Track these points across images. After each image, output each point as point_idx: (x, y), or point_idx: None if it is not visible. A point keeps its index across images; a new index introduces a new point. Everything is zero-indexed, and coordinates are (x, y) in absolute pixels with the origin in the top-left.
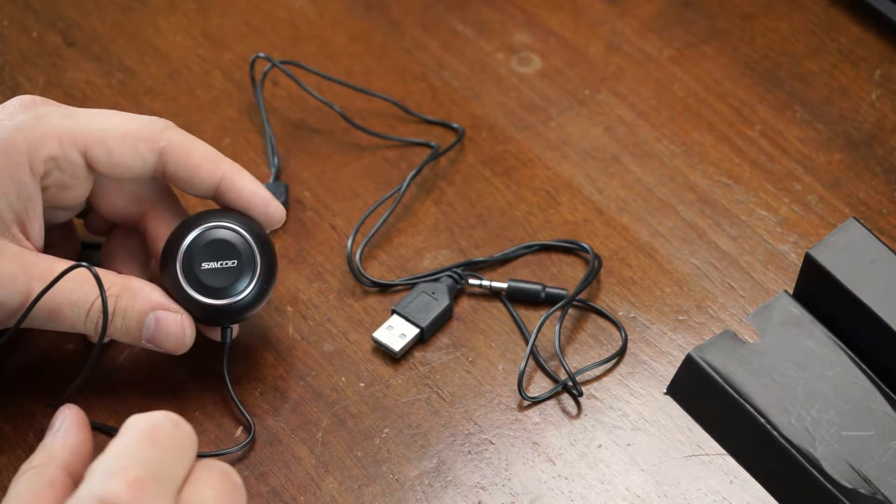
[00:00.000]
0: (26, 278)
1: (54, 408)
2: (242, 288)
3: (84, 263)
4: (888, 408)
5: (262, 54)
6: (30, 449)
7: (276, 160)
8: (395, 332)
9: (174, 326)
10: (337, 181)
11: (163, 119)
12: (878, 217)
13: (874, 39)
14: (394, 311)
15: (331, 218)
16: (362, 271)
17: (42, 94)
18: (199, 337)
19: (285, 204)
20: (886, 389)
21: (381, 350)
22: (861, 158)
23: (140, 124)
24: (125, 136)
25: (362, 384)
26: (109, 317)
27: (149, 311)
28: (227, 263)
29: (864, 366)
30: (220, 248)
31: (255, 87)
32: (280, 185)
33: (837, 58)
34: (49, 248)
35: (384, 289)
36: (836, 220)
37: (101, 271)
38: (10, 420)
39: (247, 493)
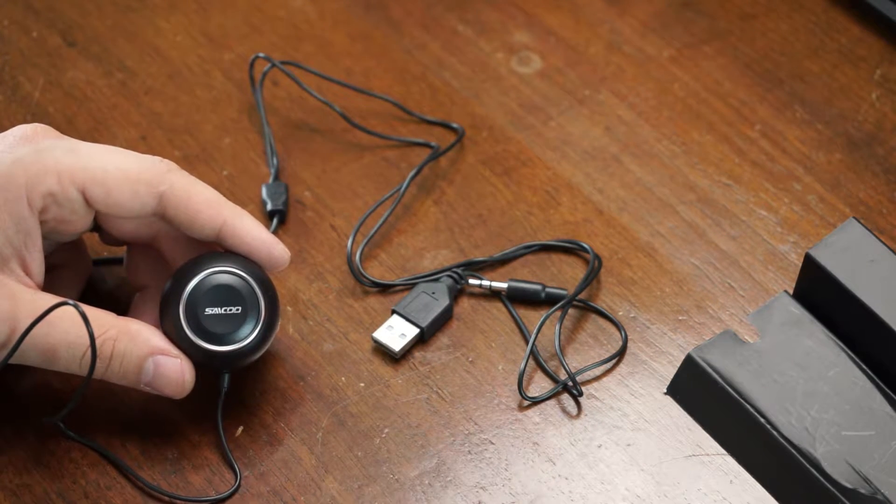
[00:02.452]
0: (16, 316)
1: (51, 423)
2: (245, 335)
3: (70, 301)
4: (888, 408)
5: (261, 54)
6: (30, 449)
7: (275, 160)
8: (395, 332)
9: (174, 372)
10: (337, 181)
11: (166, 161)
12: (878, 217)
13: (874, 39)
14: (394, 311)
15: (331, 218)
16: (362, 271)
17: (42, 94)
18: (202, 371)
19: (285, 204)
20: (886, 389)
21: (381, 350)
22: (861, 158)
23: (142, 166)
24: (126, 177)
25: (362, 384)
26: (107, 360)
27: (148, 355)
28: (231, 310)
29: (864, 366)
30: (225, 294)
31: (255, 87)
32: (280, 185)
33: (837, 58)
34: (60, 268)
35: (384, 289)
36: (836, 220)
37: (99, 312)
38: (11, 420)
39: (247, 492)
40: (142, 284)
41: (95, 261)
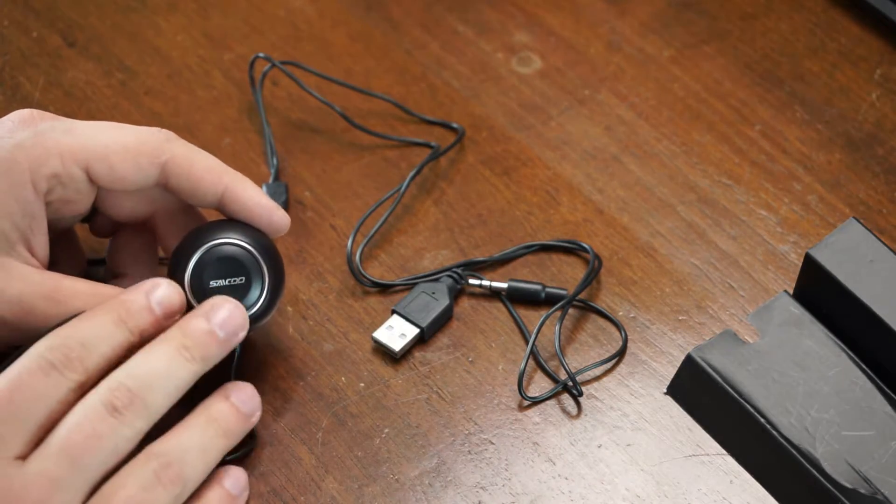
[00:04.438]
0: (32, 298)
1: None
2: (252, 303)
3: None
4: (888, 408)
5: (261, 54)
6: None
7: (275, 160)
8: (395, 332)
9: None
10: (337, 181)
11: (164, 130)
12: (878, 217)
13: (874, 39)
14: (394, 311)
15: (331, 218)
16: (362, 271)
17: (42, 94)
18: None
19: (285, 204)
20: (886, 389)
21: (381, 350)
22: (861, 158)
23: (141, 137)
24: (126, 150)
25: (362, 384)
26: None
27: None
28: (235, 280)
29: (864, 366)
30: (228, 266)
31: (255, 87)
32: (280, 185)
33: (837, 58)
34: (53, 265)
35: (384, 289)
36: (836, 220)
37: (106, 288)
38: None
39: (247, 493)
40: (120, 273)
41: (89, 261)
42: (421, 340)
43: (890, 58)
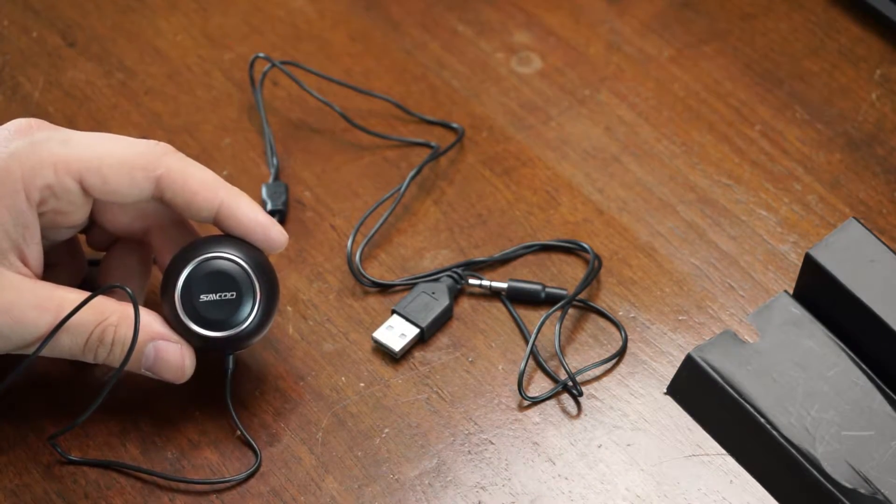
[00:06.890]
0: (23, 307)
1: (53, 445)
2: (242, 319)
3: (99, 291)
4: (888, 408)
5: (261, 54)
6: (30, 449)
7: (275, 160)
8: (395, 332)
9: (173, 356)
10: (337, 181)
11: (162, 144)
12: (878, 217)
13: (874, 39)
14: (394, 311)
15: (331, 218)
16: (362, 271)
17: (42, 94)
18: (204, 356)
19: (285, 204)
20: (886, 389)
21: (381, 350)
22: (861, 158)
23: (137, 151)
24: (121, 163)
25: (362, 384)
26: (109, 346)
27: (148, 340)
28: (225, 295)
29: (864, 366)
30: (219, 280)
31: (255, 87)
32: (280, 185)
33: (837, 58)
34: (54, 267)
35: (384, 289)
36: (836, 220)
37: (100, 299)
38: (11, 420)
39: (247, 493)
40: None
41: (90, 261)
42: (421, 340)
43: (890, 58)
